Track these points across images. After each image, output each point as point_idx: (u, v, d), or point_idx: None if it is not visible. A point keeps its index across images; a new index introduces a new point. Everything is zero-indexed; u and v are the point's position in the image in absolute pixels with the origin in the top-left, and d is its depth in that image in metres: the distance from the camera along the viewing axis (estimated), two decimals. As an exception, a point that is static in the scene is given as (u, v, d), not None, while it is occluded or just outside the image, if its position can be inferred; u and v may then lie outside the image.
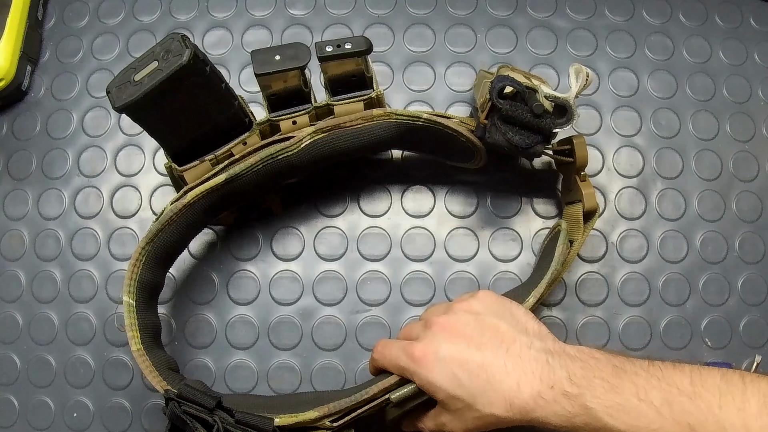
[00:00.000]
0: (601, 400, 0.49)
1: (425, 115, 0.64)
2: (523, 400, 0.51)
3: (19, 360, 0.72)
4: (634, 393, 0.49)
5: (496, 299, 0.59)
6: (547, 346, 0.54)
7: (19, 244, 0.74)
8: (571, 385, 0.50)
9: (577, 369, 0.51)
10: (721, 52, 0.79)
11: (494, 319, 0.56)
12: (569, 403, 0.50)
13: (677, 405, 0.47)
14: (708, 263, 0.73)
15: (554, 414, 0.51)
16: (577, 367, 0.51)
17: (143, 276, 0.61)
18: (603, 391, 0.49)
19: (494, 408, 0.52)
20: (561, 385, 0.51)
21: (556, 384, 0.51)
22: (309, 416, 0.55)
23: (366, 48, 0.60)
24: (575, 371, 0.51)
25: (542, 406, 0.51)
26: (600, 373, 0.50)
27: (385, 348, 0.59)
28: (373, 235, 0.73)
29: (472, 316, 0.57)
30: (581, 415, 0.50)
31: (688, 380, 0.48)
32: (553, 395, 0.51)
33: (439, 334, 0.56)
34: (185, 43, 0.54)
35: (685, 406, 0.47)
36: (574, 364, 0.52)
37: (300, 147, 0.63)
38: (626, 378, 0.50)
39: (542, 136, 0.61)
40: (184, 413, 0.54)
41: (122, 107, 0.54)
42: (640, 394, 0.48)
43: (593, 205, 0.66)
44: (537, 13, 0.79)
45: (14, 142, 0.77)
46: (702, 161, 0.75)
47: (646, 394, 0.48)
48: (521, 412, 0.51)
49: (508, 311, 0.58)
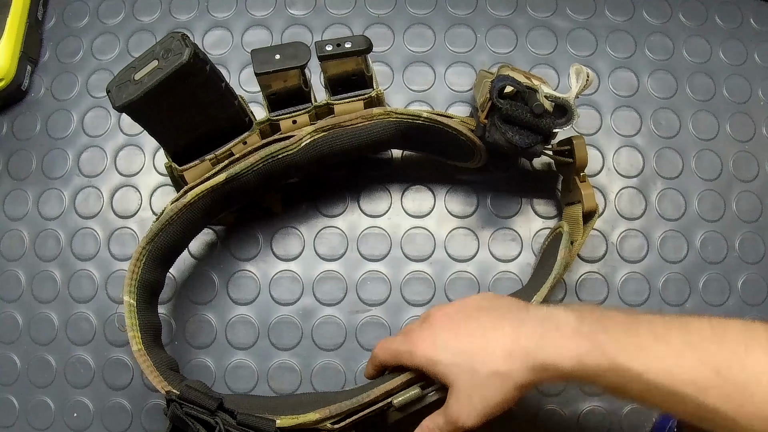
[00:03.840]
0: (616, 339, 0.46)
1: (425, 114, 0.64)
2: (523, 345, 0.49)
3: (19, 360, 0.72)
4: (652, 333, 0.46)
5: (493, 295, 0.59)
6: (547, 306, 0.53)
7: (19, 244, 0.74)
8: (580, 324, 0.48)
9: (587, 312, 0.49)
10: (721, 52, 0.79)
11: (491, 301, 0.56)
12: (580, 341, 0.47)
13: (699, 346, 0.44)
14: (708, 263, 0.73)
15: (561, 354, 0.48)
16: (586, 311, 0.49)
17: (144, 276, 0.61)
18: (618, 330, 0.47)
19: (494, 363, 0.50)
20: (570, 325, 0.48)
21: (562, 325, 0.49)
22: (310, 418, 0.55)
23: (366, 47, 0.60)
24: (585, 315, 0.49)
25: (547, 348, 0.48)
26: (613, 317, 0.48)
27: (386, 341, 0.59)
28: (373, 235, 0.73)
29: (469, 301, 0.57)
30: (593, 353, 0.47)
31: (708, 326, 0.45)
32: (560, 334, 0.48)
33: (437, 322, 0.56)
34: (185, 42, 0.53)
35: (708, 347, 0.44)
36: (582, 309, 0.50)
37: (300, 146, 0.63)
38: (642, 323, 0.47)
39: (542, 136, 0.61)
40: (186, 415, 0.54)
41: (122, 106, 0.54)
42: (658, 335, 0.46)
43: (593, 206, 0.66)
44: (537, 13, 0.79)
45: (14, 142, 0.77)
46: (702, 161, 0.75)
47: (666, 336, 0.46)
48: (523, 358, 0.49)
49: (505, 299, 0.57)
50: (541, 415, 0.69)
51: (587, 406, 0.69)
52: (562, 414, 0.69)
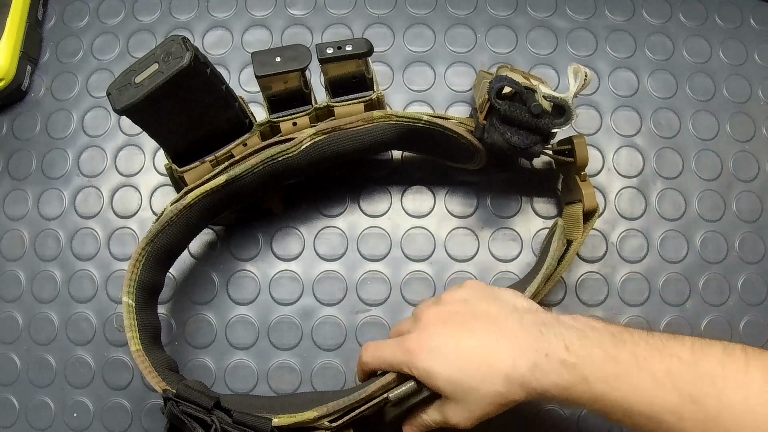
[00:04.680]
0: (600, 369, 0.48)
1: (425, 117, 0.64)
2: (520, 373, 0.51)
3: (19, 360, 0.72)
4: (634, 363, 0.48)
5: (483, 286, 0.59)
6: (539, 318, 0.54)
7: (19, 244, 0.74)
8: (568, 353, 0.49)
9: (574, 338, 0.50)
10: (721, 52, 0.79)
11: (483, 303, 0.56)
12: (566, 373, 0.49)
13: (678, 375, 0.46)
14: (708, 263, 0.73)
15: (552, 384, 0.50)
16: (573, 337, 0.50)
17: (143, 277, 0.61)
18: (601, 360, 0.49)
19: (493, 386, 0.51)
20: (557, 354, 0.50)
21: (551, 353, 0.50)
22: (308, 416, 0.55)
23: (367, 50, 0.60)
24: (572, 340, 0.50)
25: (539, 378, 0.50)
26: (598, 343, 0.50)
27: (377, 349, 0.59)
28: (373, 235, 0.73)
29: (461, 304, 0.57)
30: (579, 384, 0.49)
31: (689, 351, 0.47)
32: (549, 365, 0.50)
33: (431, 324, 0.56)
34: (186, 45, 0.53)
35: (685, 376, 0.46)
36: (570, 333, 0.51)
37: (300, 149, 0.63)
38: (625, 348, 0.49)
39: (541, 137, 0.61)
40: (182, 413, 0.54)
41: (123, 109, 0.54)
42: (640, 364, 0.47)
43: (593, 205, 0.66)
44: (537, 13, 0.79)
45: (14, 142, 0.77)
46: (702, 161, 0.75)
47: (647, 364, 0.47)
48: (520, 385, 0.51)
49: (495, 295, 0.58)
50: (541, 415, 0.69)
51: (587, 406, 0.69)
52: (562, 414, 0.69)
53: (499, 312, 0.55)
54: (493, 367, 0.52)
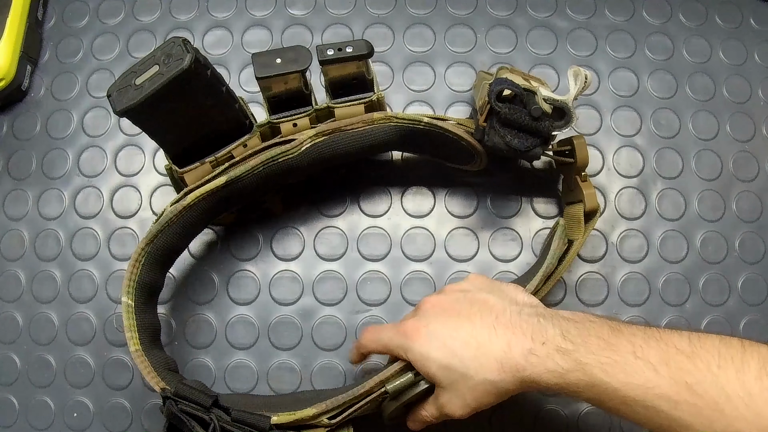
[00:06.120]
0: (596, 356, 0.48)
1: (426, 119, 0.64)
2: (514, 360, 0.51)
3: (19, 360, 0.72)
4: (631, 351, 0.48)
5: (485, 279, 0.60)
6: (538, 310, 0.54)
7: (19, 244, 0.74)
8: (564, 341, 0.50)
9: (572, 328, 0.51)
10: (721, 52, 0.79)
11: (483, 293, 0.57)
12: (562, 359, 0.49)
13: (675, 364, 0.46)
14: (708, 263, 0.73)
15: (546, 370, 0.50)
16: (571, 326, 0.51)
17: (142, 277, 0.61)
18: (598, 348, 0.49)
19: (486, 372, 0.51)
20: (554, 342, 0.50)
21: (548, 340, 0.50)
22: (307, 413, 0.55)
23: (367, 52, 0.60)
24: (569, 329, 0.50)
25: (534, 364, 0.50)
26: (596, 332, 0.50)
27: (375, 332, 0.59)
28: (373, 235, 0.73)
29: (462, 293, 0.58)
30: (575, 371, 0.49)
31: (687, 341, 0.47)
32: (545, 351, 0.50)
33: (430, 311, 0.57)
34: (186, 47, 0.53)
35: (682, 364, 0.46)
36: (568, 324, 0.51)
37: (300, 150, 0.63)
38: (623, 337, 0.49)
39: (541, 139, 0.61)
40: (181, 411, 0.54)
41: (123, 111, 0.54)
42: (637, 352, 0.48)
43: (594, 205, 0.66)
44: (537, 13, 0.79)
45: (14, 142, 0.77)
46: (702, 161, 0.75)
47: (643, 353, 0.47)
48: (513, 372, 0.51)
49: (497, 287, 0.58)
50: (541, 415, 0.69)
51: (587, 406, 0.69)
52: (562, 414, 0.69)
53: (498, 302, 0.56)
54: (487, 354, 0.52)
